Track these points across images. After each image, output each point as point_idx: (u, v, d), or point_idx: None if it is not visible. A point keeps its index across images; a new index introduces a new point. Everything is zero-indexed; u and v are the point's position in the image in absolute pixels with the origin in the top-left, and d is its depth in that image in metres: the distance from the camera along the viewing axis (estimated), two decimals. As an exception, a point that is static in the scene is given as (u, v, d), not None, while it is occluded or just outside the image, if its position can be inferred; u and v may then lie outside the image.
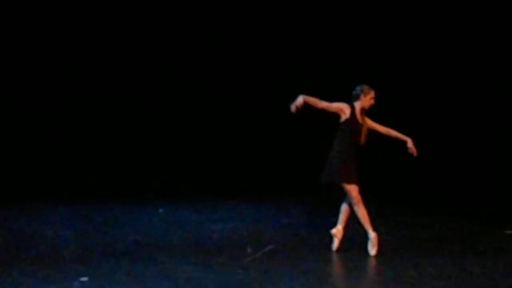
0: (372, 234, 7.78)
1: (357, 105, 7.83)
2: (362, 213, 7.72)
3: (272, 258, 7.82)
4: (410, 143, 7.89)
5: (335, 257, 7.89)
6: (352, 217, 7.88)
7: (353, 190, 7.71)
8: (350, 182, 7.70)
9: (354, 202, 7.73)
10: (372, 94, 7.84)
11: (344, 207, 7.96)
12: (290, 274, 7.16)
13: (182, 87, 12.66)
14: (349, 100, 7.85)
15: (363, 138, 7.80)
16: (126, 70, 12.51)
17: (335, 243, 7.98)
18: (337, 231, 7.97)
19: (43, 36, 12.31)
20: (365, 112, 7.89)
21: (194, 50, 12.79)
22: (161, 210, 10.50)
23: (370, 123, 7.93)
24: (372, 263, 7.63)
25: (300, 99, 7.59)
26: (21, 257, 7.79)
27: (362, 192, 7.79)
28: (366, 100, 7.81)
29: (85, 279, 6.73)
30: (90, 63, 12.45)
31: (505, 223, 9.66)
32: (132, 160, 12.24)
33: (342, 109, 7.77)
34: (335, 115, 7.83)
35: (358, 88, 7.88)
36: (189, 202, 11.07)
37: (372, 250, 7.77)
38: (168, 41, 12.71)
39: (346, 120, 7.76)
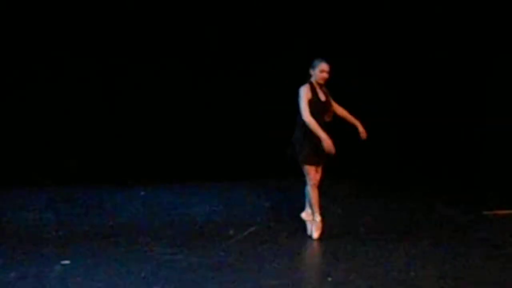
0: (318, 218, 7.78)
1: (313, 81, 7.62)
2: (314, 195, 7.73)
3: (254, 240, 7.86)
4: (360, 127, 7.76)
5: (316, 239, 7.90)
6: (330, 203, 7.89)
7: (310, 170, 7.65)
8: (307, 163, 7.63)
9: (309, 183, 7.71)
10: (322, 66, 7.57)
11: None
12: (272, 256, 7.19)
13: (165, 69, 12.53)
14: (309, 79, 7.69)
15: (328, 115, 7.66)
16: (104, 53, 12.38)
17: (309, 227, 8.00)
18: (306, 214, 8.00)
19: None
20: (322, 87, 7.67)
21: (177, 37, 12.70)
22: (142, 193, 10.47)
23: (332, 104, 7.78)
24: (353, 245, 7.65)
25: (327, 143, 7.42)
26: (2, 240, 7.77)
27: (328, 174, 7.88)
28: (316, 74, 7.59)
29: (66, 262, 6.73)
30: (71, 47, 12.32)
31: (485, 205, 9.71)
32: (114, 143, 12.13)
33: (306, 94, 7.52)
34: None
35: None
36: (170, 185, 11.03)
37: (315, 233, 7.79)
38: (151, 27, 12.57)
39: (309, 100, 7.52)
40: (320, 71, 7.55)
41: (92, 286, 6.12)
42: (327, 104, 7.64)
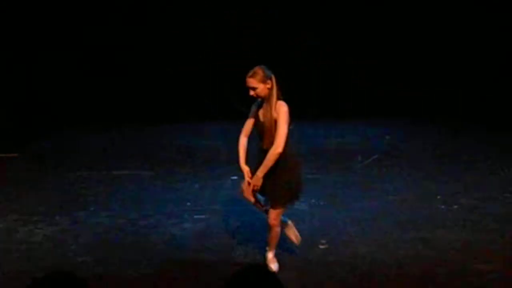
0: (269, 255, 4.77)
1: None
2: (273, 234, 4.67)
3: (377, 165, 7.82)
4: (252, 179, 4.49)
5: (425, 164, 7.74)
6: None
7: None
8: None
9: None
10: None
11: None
12: (397, 177, 7.17)
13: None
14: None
15: (265, 138, 4.49)
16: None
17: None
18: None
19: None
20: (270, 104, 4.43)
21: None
22: (291, 127, 10.34)
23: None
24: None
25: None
26: (187, 162, 8.17)
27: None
28: None
29: (235, 177, 6.98)
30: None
31: None
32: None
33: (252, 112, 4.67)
34: None
35: None
36: (310, 120, 10.28)
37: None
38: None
39: (249, 120, 4.68)
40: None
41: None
42: (261, 125, 4.50)
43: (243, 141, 4.67)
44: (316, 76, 11.03)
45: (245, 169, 4.59)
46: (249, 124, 4.63)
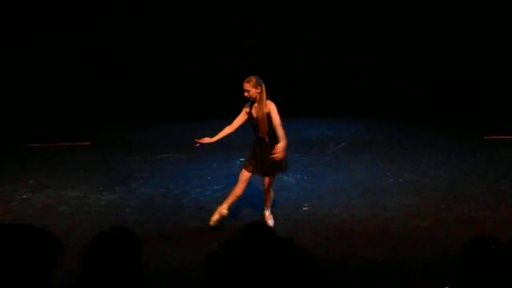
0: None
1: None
2: (236, 188, 4.68)
3: (344, 150, 7.73)
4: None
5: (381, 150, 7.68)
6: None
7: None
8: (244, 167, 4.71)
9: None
10: None
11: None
12: (359, 158, 7.08)
13: None
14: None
15: (260, 128, 4.45)
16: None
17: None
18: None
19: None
20: (258, 104, 4.43)
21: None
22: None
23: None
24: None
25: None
26: (209, 148, 7.63)
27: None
28: None
29: (242, 159, 6.78)
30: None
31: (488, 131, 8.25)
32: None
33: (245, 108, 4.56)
34: None
35: None
36: (302, 118, 9.45)
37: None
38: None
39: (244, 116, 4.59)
40: None
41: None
42: (256, 120, 4.47)
43: (226, 129, 4.59)
44: (316, 76, 9.20)
45: (207, 139, 4.55)
46: (239, 120, 4.54)
